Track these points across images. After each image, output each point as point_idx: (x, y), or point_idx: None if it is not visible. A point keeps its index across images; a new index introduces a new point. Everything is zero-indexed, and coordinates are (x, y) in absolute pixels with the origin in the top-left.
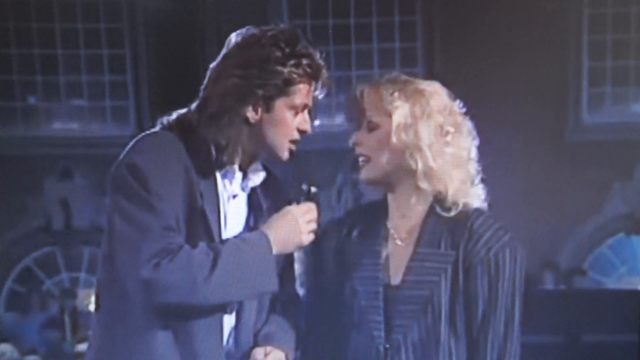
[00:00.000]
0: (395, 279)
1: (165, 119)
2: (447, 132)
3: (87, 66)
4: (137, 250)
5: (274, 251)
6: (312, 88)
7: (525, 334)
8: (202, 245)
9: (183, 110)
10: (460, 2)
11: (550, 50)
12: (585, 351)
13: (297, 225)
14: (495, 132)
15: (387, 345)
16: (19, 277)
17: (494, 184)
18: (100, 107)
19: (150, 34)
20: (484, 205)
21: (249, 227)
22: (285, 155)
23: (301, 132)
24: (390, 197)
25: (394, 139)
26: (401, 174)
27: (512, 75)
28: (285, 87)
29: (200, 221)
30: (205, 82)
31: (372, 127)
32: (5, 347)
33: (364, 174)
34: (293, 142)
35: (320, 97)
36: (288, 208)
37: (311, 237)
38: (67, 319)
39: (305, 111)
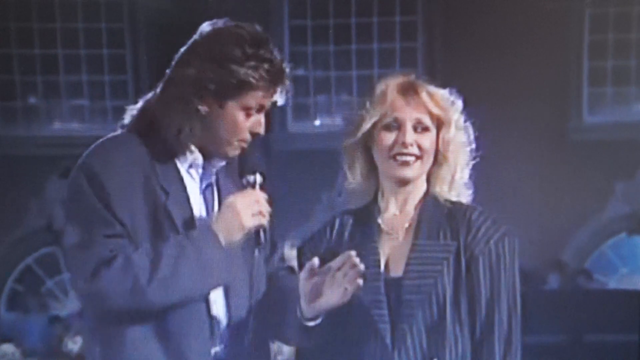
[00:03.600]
0: (396, 271)
1: (128, 114)
2: (470, 142)
3: (88, 66)
4: (78, 263)
5: (222, 242)
6: (271, 92)
7: (527, 333)
8: (145, 246)
9: (148, 96)
10: (461, 2)
11: (551, 50)
12: (586, 351)
13: (234, 209)
14: (496, 133)
15: (394, 338)
16: (20, 276)
17: (496, 184)
18: (101, 107)
19: (150, 34)
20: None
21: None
22: (232, 153)
23: (253, 134)
24: (386, 196)
25: (440, 145)
26: (426, 174)
27: (513, 75)
28: (239, 87)
29: (165, 219)
30: (172, 64)
31: (422, 129)
32: (7, 348)
33: (411, 172)
34: (242, 141)
35: (279, 103)
36: (227, 199)
37: (257, 219)
38: None
39: (262, 113)
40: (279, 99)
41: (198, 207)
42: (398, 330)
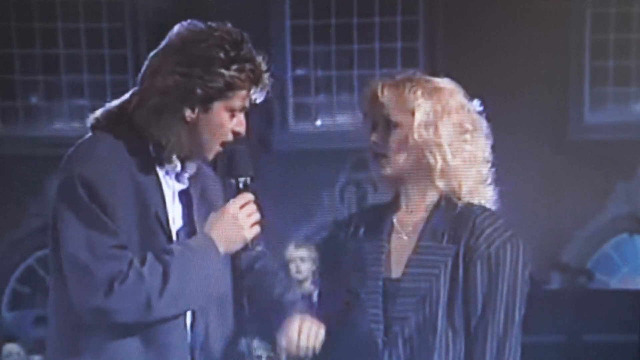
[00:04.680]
0: (397, 272)
1: (97, 115)
2: (466, 130)
3: (89, 66)
4: (88, 276)
5: (221, 252)
6: (252, 92)
7: (527, 333)
8: (150, 258)
9: (117, 102)
10: (463, 2)
11: (552, 50)
12: (587, 351)
13: (237, 221)
14: (496, 132)
15: (386, 339)
16: (22, 276)
17: (496, 184)
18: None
19: (152, 34)
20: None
21: (185, 220)
22: (212, 155)
23: (235, 134)
24: (401, 193)
25: (415, 136)
26: (418, 171)
27: (514, 75)
28: (225, 90)
29: (155, 224)
30: (143, 71)
31: (393, 126)
32: (12, 347)
33: (383, 171)
34: (224, 143)
35: (258, 101)
36: (226, 206)
37: (255, 229)
38: None
39: (242, 113)
40: (259, 97)
41: (172, 214)
42: (390, 331)
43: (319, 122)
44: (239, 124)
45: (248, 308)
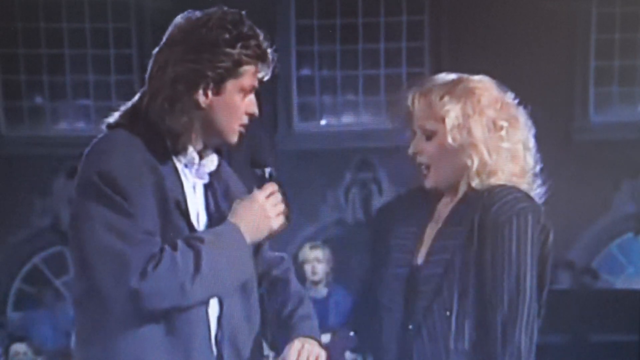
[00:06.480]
0: (422, 260)
1: (111, 118)
2: (501, 127)
3: (94, 66)
4: (122, 261)
5: (248, 241)
6: (259, 68)
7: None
8: (181, 245)
9: (128, 105)
10: (468, 2)
11: (557, 49)
12: (593, 351)
13: (264, 211)
14: None
15: (410, 327)
16: (27, 276)
17: None
18: (107, 107)
19: (157, 34)
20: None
21: (210, 214)
22: (234, 138)
23: (249, 115)
24: (441, 188)
25: (449, 141)
26: (458, 172)
27: (518, 74)
28: (234, 68)
29: (177, 216)
30: (150, 70)
31: (429, 135)
32: (19, 348)
33: (429, 182)
34: (242, 125)
35: (266, 78)
36: (252, 195)
37: (281, 219)
38: None
39: (252, 94)
40: (266, 74)
41: (195, 207)
42: (414, 320)
43: (323, 122)
44: (251, 104)
45: (267, 297)
